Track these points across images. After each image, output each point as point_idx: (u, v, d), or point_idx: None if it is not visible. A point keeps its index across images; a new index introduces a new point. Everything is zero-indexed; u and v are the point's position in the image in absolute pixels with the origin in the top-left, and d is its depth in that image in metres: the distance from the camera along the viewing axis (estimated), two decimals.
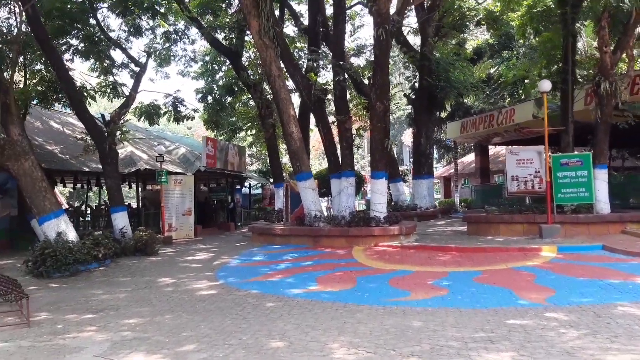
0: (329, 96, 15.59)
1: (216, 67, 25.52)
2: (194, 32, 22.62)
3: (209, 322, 7.15)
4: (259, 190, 36.08)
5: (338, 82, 14.05)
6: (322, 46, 15.92)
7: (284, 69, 15.53)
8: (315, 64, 15.55)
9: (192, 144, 30.69)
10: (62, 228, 12.83)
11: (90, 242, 12.91)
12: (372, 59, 15.07)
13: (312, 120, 18.86)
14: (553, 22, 16.20)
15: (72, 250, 12.04)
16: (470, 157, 36.01)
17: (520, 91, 28.49)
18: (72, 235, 12.92)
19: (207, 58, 25.90)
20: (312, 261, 12.23)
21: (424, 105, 21.31)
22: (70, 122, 23.73)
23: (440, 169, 39.94)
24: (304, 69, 17.29)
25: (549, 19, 16.58)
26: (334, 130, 16.05)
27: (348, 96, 16.68)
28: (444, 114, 29.91)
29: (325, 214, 15.03)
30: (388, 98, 14.09)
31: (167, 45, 20.89)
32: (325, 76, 21.70)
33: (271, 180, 37.33)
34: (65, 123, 23.78)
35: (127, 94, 17.37)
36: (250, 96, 23.75)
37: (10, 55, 12.93)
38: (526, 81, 24.53)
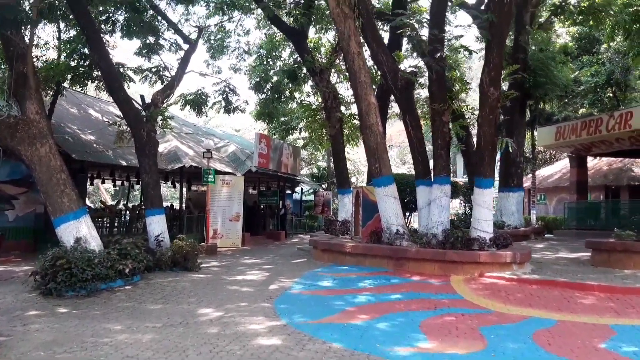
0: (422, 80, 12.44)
1: (271, 62, 22.68)
2: (249, 23, 19.99)
3: None
4: (311, 197, 33.21)
5: (436, 60, 10.96)
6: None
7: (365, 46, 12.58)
8: (406, 35, 12.30)
9: (242, 143, 28.12)
10: (82, 232, 10.19)
11: (117, 253, 10.18)
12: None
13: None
14: None
15: (92, 263, 9.37)
16: (549, 170, 32.21)
17: (605, 98, 24.99)
18: (94, 242, 10.26)
19: (262, 51, 23.20)
20: (400, 294, 9.15)
21: (517, 105, 17.97)
22: (111, 112, 21.38)
23: None
24: None
25: None
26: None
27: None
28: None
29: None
30: (501, 84, 10.96)
31: (221, 20, 18.02)
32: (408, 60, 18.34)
33: (324, 185, 34.72)
34: (105, 112, 21.47)
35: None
36: (310, 89, 20.97)
37: (31, 14, 10.38)
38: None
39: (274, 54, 22.40)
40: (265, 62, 22.54)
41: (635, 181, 24.66)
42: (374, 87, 14.90)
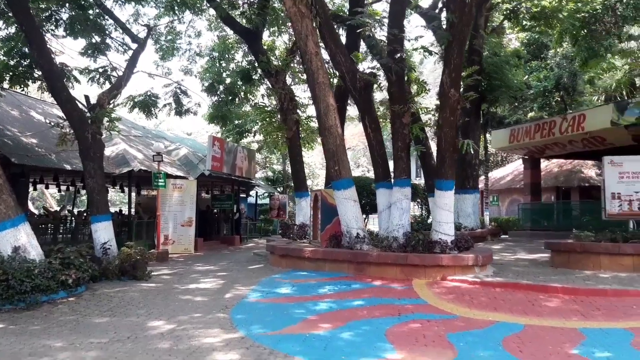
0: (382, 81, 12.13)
1: (224, 64, 21.93)
2: (200, 24, 19.31)
3: None
4: (266, 200, 32.65)
5: (395, 61, 10.70)
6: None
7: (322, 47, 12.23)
8: (365, 34, 11.99)
9: (195, 146, 27.35)
10: (21, 241, 9.44)
11: (59, 262, 9.45)
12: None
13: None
14: None
15: (32, 274, 8.65)
16: (501, 172, 32.73)
17: (553, 102, 25.62)
18: (34, 251, 9.52)
19: (214, 53, 22.50)
20: (362, 300, 8.82)
21: (473, 108, 18.02)
22: (55, 114, 20.28)
23: None
24: None
25: None
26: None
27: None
28: None
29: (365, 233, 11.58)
30: (461, 85, 10.82)
31: (171, 21, 17.36)
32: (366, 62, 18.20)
33: (279, 189, 34.21)
34: (48, 114, 20.36)
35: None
36: (265, 91, 20.45)
37: None
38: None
39: (226, 56, 21.76)
40: (217, 65, 21.89)
41: (585, 182, 25.27)
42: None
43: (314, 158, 44.04)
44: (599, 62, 19.79)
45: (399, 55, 10.91)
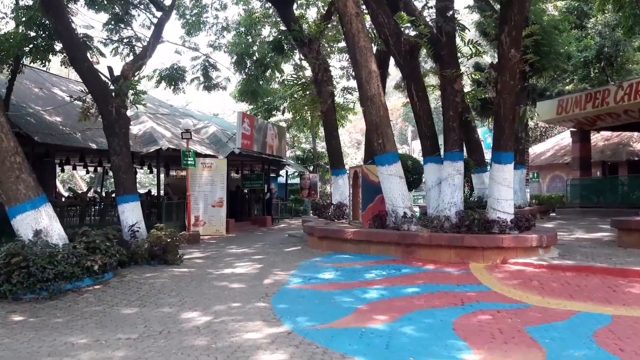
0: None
1: (250, 40, 20.88)
2: None
3: None
4: (296, 180, 31.84)
5: (446, 20, 9.60)
6: None
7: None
8: None
9: (223, 124, 26.57)
10: (42, 224, 8.72)
11: (84, 247, 8.73)
12: None
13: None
14: None
15: (54, 260, 7.93)
16: (541, 147, 31.26)
17: (594, 74, 23.99)
18: (57, 235, 8.80)
19: (241, 28, 21.51)
20: (417, 286, 7.89)
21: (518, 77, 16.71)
22: (80, 91, 19.65)
23: None
24: None
25: None
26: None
27: None
28: None
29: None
30: (521, 45, 9.67)
31: None
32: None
33: (309, 168, 33.32)
34: (73, 92, 19.70)
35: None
36: (294, 67, 19.46)
37: None
38: None
39: (252, 31, 20.78)
40: (244, 39, 20.91)
41: (635, 156, 23.75)
42: None
43: (342, 137, 43.02)
44: None
45: (450, 12, 9.79)
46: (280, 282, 8.50)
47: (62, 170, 27.18)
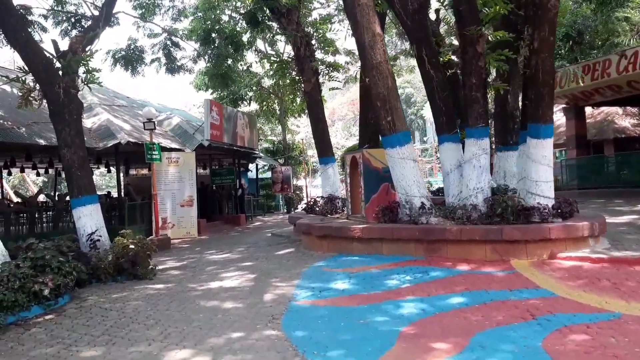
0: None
1: (209, 24, 18.65)
2: None
3: None
4: (267, 174, 29.94)
5: None
6: None
7: None
8: None
9: (186, 116, 24.49)
10: None
11: (29, 265, 6.78)
12: None
13: None
14: None
15: None
16: None
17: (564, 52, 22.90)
18: None
19: (198, 13, 19.33)
20: (459, 295, 6.27)
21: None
22: (19, 69, 17.27)
23: None
24: None
25: None
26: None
27: None
28: None
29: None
30: None
31: None
32: None
33: (280, 161, 31.42)
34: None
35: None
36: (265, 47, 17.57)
37: None
38: None
39: (212, 16, 18.67)
40: (203, 24, 18.69)
41: (621, 133, 22.78)
42: None
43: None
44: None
45: None
46: (285, 298, 6.75)
47: (10, 174, 24.62)
